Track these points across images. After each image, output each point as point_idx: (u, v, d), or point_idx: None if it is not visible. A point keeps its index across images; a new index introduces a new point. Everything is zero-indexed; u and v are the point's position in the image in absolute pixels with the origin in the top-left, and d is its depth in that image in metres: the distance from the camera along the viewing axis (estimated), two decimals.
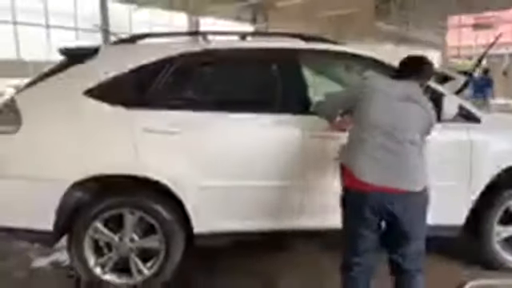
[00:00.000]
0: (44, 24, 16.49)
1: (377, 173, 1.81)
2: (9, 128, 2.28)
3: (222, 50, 2.50)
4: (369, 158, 1.83)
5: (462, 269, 2.75)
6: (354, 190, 1.86)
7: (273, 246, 3.06)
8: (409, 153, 1.82)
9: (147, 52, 2.43)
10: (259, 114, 2.43)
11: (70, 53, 2.46)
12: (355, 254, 1.89)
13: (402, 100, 1.87)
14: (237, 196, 2.41)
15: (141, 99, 2.33)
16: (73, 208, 2.36)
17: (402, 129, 1.83)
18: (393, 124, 1.84)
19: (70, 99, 2.32)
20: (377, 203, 1.80)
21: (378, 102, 1.88)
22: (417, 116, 1.87)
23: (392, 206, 1.79)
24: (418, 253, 1.87)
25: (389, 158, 1.81)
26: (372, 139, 1.85)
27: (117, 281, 2.41)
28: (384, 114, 1.85)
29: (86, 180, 2.28)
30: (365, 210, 1.82)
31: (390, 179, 1.79)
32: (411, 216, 1.82)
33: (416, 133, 1.85)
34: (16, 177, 2.30)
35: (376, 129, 1.85)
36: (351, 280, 1.90)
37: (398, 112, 1.85)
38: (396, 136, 1.82)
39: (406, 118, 1.85)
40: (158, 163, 2.29)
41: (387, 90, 1.91)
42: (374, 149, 1.83)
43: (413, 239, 1.84)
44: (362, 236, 1.86)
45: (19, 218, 2.35)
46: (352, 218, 1.91)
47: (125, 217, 2.35)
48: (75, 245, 2.34)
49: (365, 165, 1.83)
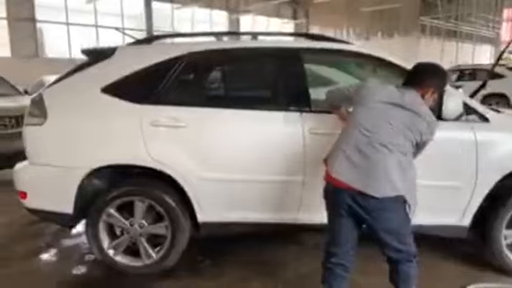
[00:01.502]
0: (93, 24, 17.52)
1: (349, 172, 1.86)
2: (37, 120, 2.55)
3: (226, 49, 2.63)
4: (345, 157, 1.89)
5: (464, 271, 2.70)
6: (331, 184, 1.94)
7: (280, 238, 3.15)
8: (383, 158, 1.83)
9: (158, 52, 2.61)
10: (262, 111, 2.53)
11: (91, 53, 2.70)
12: (333, 244, 1.97)
13: (393, 106, 1.90)
14: (238, 188, 2.52)
15: (150, 95, 2.51)
16: (89, 194, 2.60)
17: (383, 134, 1.86)
18: (373, 128, 1.88)
19: (89, 95, 2.55)
20: (347, 201, 1.86)
21: (368, 107, 1.94)
22: (406, 123, 1.87)
23: (358, 207, 1.84)
24: (401, 248, 1.89)
25: (361, 160, 1.85)
26: (352, 139, 1.91)
27: (127, 262, 2.62)
28: (368, 118, 1.91)
29: (101, 169, 2.51)
30: (338, 205, 1.90)
31: (358, 180, 1.83)
32: (379, 220, 1.85)
33: (401, 140, 1.86)
34: (43, 164, 2.58)
35: (357, 130, 1.91)
36: (328, 271, 1.98)
37: (384, 117, 1.89)
38: (374, 140, 1.86)
39: (390, 124, 1.87)
40: (163, 155, 2.46)
41: (381, 95, 1.94)
42: (352, 149, 1.89)
43: (389, 240, 1.87)
44: (339, 228, 1.94)
45: (45, 201, 2.62)
46: (329, 210, 2.00)
47: (135, 204, 2.55)
48: (91, 228, 2.58)
49: (340, 163, 1.90)
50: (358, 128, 1.91)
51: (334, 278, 1.96)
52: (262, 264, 2.80)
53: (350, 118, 2.04)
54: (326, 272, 1.99)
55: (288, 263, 2.80)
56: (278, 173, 2.49)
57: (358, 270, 2.52)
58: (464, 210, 2.54)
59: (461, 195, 2.51)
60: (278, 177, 2.50)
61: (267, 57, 2.64)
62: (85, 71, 2.61)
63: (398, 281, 1.95)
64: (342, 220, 1.92)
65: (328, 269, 1.98)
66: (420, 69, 2.07)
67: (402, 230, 1.90)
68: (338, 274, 1.96)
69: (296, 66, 2.53)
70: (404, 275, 1.93)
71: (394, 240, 1.88)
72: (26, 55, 15.48)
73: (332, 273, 1.96)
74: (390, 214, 1.86)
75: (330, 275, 1.97)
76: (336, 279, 1.96)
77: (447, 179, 2.48)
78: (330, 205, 1.99)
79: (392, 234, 1.87)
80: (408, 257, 1.91)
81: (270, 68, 2.61)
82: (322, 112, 2.50)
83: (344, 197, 1.87)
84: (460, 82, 11.02)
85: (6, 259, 2.91)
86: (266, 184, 2.53)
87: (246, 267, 2.76)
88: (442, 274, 2.67)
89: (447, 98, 2.29)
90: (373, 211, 1.84)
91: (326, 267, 1.98)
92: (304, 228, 2.67)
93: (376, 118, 1.90)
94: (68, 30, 16.93)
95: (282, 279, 2.61)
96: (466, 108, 2.46)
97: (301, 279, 2.61)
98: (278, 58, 2.58)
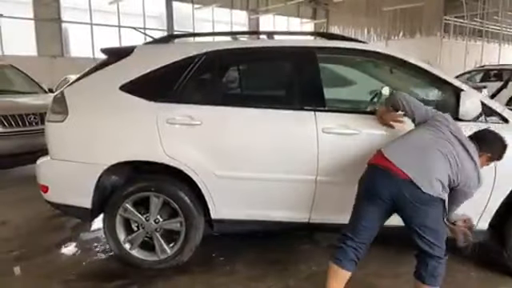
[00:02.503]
0: (116, 24, 17.90)
1: (402, 157, 1.95)
2: (58, 117, 2.64)
3: (242, 48, 2.65)
4: (403, 149, 2.00)
5: (482, 277, 2.65)
6: (378, 166, 1.98)
7: (293, 237, 3.16)
8: (437, 161, 1.94)
9: (174, 51, 2.66)
10: (276, 110, 2.55)
11: (110, 52, 2.77)
12: (352, 230, 2.01)
13: (459, 143, 2.01)
14: (251, 186, 2.54)
15: (166, 94, 2.56)
16: (107, 189, 2.68)
17: (442, 146, 1.98)
18: (436, 141, 2.00)
19: (108, 93, 2.62)
20: (391, 187, 1.91)
21: (440, 130, 2.05)
22: (460, 157, 1.98)
23: (402, 194, 1.89)
24: (436, 243, 1.93)
25: (418, 154, 1.96)
26: (413, 141, 2.04)
27: (143, 257, 2.68)
28: (436, 136, 2.03)
29: (118, 165, 2.57)
30: (378, 189, 1.94)
31: (410, 168, 1.90)
32: (420, 213, 1.90)
33: (445, 174, 1.94)
34: (63, 159, 2.67)
35: (421, 139, 2.04)
36: (340, 250, 2.02)
37: (447, 141, 2.00)
38: (433, 147, 1.98)
39: (449, 147, 1.98)
40: (178, 152, 2.50)
41: (455, 128, 2.07)
42: (411, 143, 2.03)
43: (426, 234, 1.92)
44: (364, 215, 1.99)
45: (65, 196, 2.72)
46: (363, 193, 2.03)
47: (151, 199, 2.60)
48: (108, 222, 2.65)
49: (395, 148, 2.01)
50: (425, 136, 2.03)
51: (345, 257, 2.01)
52: (275, 262, 2.82)
53: (419, 129, 2.13)
54: (337, 250, 2.04)
55: (300, 262, 2.80)
56: (291, 171, 2.50)
57: (372, 273, 2.52)
58: (481, 213, 2.48)
59: (478, 198, 2.45)
60: (291, 175, 2.50)
61: (281, 56, 2.65)
62: (104, 70, 2.69)
63: (426, 275, 1.96)
64: (371, 207, 1.96)
65: (340, 248, 2.02)
66: (488, 134, 2.16)
67: (440, 228, 1.95)
68: (349, 255, 2.00)
69: (310, 65, 2.53)
70: (433, 270, 1.95)
71: (431, 235, 1.92)
72: (51, 54, 15.98)
73: (344, 252, 2.01)
74: (432, 210, 1.91)
75: (342, 253, 2.02)
76: (346, 258, 2.01)
77: None
78: (369, 188, 2.00)
79: (430, 229, 1.92)
80: (440, 252, 1.94)
81: (284, 67, 2.63)
82: (337, 111, 2.49)
83: (391, 181, 1.91)
84: (485, 83, 10.73)
85: (28, 251, 3.02)
86: (279, 182, 2.54)
87: (259, 265, 2.78)
88: (460, 279, 2.62)
89: (464, 98, 2.25)
90: (419, 202, 1.88)
91: (339, 246, 2.03)
92: (316, 228, 2.67)
93: (443, 139, 2.01)
94: (91, 30, 17.34)
95: (294, 277, 2.62)
96: (485, 109, 2.40)
97: (313, 278, 2.60)
98: (293, 57, 2.59)
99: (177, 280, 2.59)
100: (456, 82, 2.51)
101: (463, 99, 2.25)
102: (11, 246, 3.09)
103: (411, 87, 3.06)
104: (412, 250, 2.04)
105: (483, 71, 11.98)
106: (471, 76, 12.35)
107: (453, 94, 2.45)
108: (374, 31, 23.23)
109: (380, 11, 21.58)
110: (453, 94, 2.45)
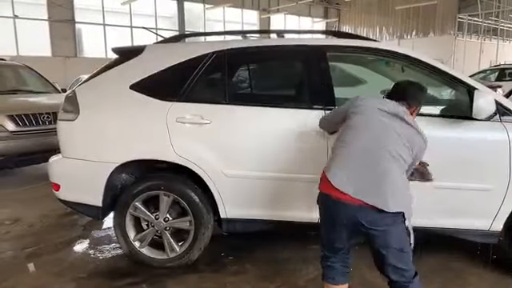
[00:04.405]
0: (128, 25, 18.08)
1: (353, 184, 1.75)
2: (70, 116, 2.67)
3: (251, 47, 2.65)
4: (348, 167, 1.80)
5: (495, 280, 2.59)
6: (330, 196, 1.80)
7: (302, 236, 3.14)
8: (390, 170, 1.76)
9: (184, 50, 2.67)
10: (285, 108, 2.53)
11: (121, 51, 2.79)
12: (329, 250, 1.94)
13: (389, 116, 1.85)
14: (260, 186, 2.53)
15: (176, 93, 2.56)
16: (118, 188, 2.70)
17: (389, 142, 1.79)
18: (379, 136, 1.81)
19: (118, 92, 2.64)
20: (349, 215, 1.76)
21: (367, 115, 1.89)
22: (408, 137, 1.83)
23: (363, 221, 1.74)
24: (402, 267, 1.78)
25: (367, 171, 1.76)
26: (355, 148, 1.82)
27: (152, 255, 2.70)
28: (372, 126, 1.85)
29: (128, 163, 2.59)
30: (338, 218, 1.80)
31: (364, 193, 1.73)
32: (384, 235, 1.74)
33: (404, 152, 1.80)
34: (75, 158, 2.70)
35: (360, 138, 1.83)
36: (328, 268, 1.96)
37: (388, 126, 1.83)
38: (381, 147, 1.79)
39: (397, 134, 1.81)
40: (187, 151, 2.51)
41: (378, 106, 1.90)
42: (356, 158, 1.80)
43: (390, 258, 1.76)
44: (335, 238, 1.88)
45: (76, 194, 2.75)
46: (326, 221, 1.90)
47: (160, 198, 2.61)
48: (118, 220, 2.67)
49: (342, 173, 1.79)
50: (361, 136, 1.83)
51: (336, 273, 1.94)
52: (284, 261, 2.81)
53: (348, 128, 1.93)
54: (326, 269, 1.97)
55: (309, 262, 2.78)
56: (300, 171, 2.48)
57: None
58: (495, 214, 2.43)
59: (492, 198, 2.41)
60: (301, 175, 2.48)
61: (292, 55, 2.63)
62: (115, 69, 2.71)
63: None
64: (338, 233, 1.85)
65: (328, 266, 1.96)
66: (408, 87, 2.04)
67: (404, 247, 1.78)
68: (339, 269, 1.94)
69: (321, 64, 2.50)
70: None
71: (395, 258, 1.76)
72: (65, 55, 16.22)
73: (333, 268, 1.94)
74: (395, 229, 1.75)
75: (331, 270, 1.95)
76: (337, 274, 1.94)
77: (477, 181, 2.39)
78: (327, 217, 1.88)
79: (395, 252, 1.76)
80: (408, 279, 1.79)
81: (294, 66, 2.61)
82: None
83: (347, 211, 1.75)
84: (500, 82, 10.54)
85: (40, 248, 3.06)
86: (288, 182, 2.52)
87: (268, 264, 2.77)
88: (472, 281, 2.57)
89: (478, 97, 2.20)
90: (379, 226, 1.73)
91: (326, 265, 1.96)
92: None
93: (380, 127, 1.83)
94: (104, 30, 17.56)
95: (303, 278, 2.60)
96: (499, 108, 2.35)
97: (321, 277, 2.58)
98: (302, 56, 2.57)
99: (186, 279, 2.60)
100: (470, 80, 2.46)
101: (477, 98, 2.20)
102: (24, 244, 3.14)
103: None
104: (421, 248, 1.97)
105: (498, 70, 11.76)
106: (486, 75, 12.14)
107: (466, 92, 2.41)
108: (387, 30, 23.01)
109: (392, 10, 21.37)
110: (466, 92, 2.41)
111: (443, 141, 2.36)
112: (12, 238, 3.29)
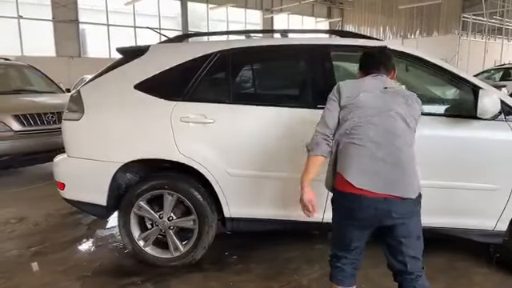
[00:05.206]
0: (132, 25, 18.13)
1: (374, 179, 1.71)
2: (75, 116, 2.68)
3: (255, 47, 2.65)
4: (366, 168, 1.73)
5: (499, 280, 2.59)
6: (352, 194, 1.73)
7: (307, 236, 3.14)
8: (404, 151, 1.73)
9: (188, 50, 2.67)
10: (289, 108, 2.53)
11: (125, 51, 2.80)
12: (343, 250, 1.89)
13: (383, 96, 1.80)
14: (264, 185, 2.54)
15: (180, 92, 2.57)
16: (122, 187, 2.72)
17: (394, 130, 1.74)
18: (384, 129, 1.75)
19: (123, 92, 2.65)
20: (373, 211, 1.71)
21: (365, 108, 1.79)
22: (401, 102, 1.78)
23: (387, 214, 1.70)
24: (417, 255, 1.79)
25: (383, 165, 1.71)
26: (366, 148, 1.74)
27: (156, 254, 2.71)
28: (374, 122, 1.76)
29: (132, 163, 2.60)
30: (360, 217, 1.75)
31: (387, 184, 1.70)
32: (407, 224, 1.74)
33: (410, 125, 1.77)
34: (79, 157, 2.72)
35: (367, 136, 1.75)
36: (338, 270, 1.90)
37: (385, 111, 1.77)
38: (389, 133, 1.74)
39: (394, 116, 1.76)
40: (191, 150, 2.51)
41: (366, 86, 1.85)
42: (370, 158, 1.74)
43: (407, 247, 1.76)
44: (352, 237, 1.83)
45: (81, 193, 2.76)
46: (344, 219, 1.84)
47: (164, 197, 2.62)
48: (122, 219, 2.68)
49: (362, 175, 1.73)
50: (369, 131, 1.75)
51: (345, 276, 1.90)
52: (288, 261, 2.81)
53: (350, 123, 1.80)
54: (335, 270, 1.92)
55: (313, 261, 2.79)
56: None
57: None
58: (500, 214, 2.43)
59: (497, 198, 2.40)
60: None
61: (295, 54, 2.63)
62: (119, 69, 2.72)
63: None
64: (362, 229, 1.81)
65: (337, 267, 1.91)
66: (382, 54, 1.97)
67: (420, 235, 1.79)
68: (348, 271, 1.90)
69: (324, 63, 2.50)
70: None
71: (413, 246, 1.76)
72: (69, 55, 16.30)
73: (342, 270, 1.90)
74: (417, 216, 1.77)
75: (341, 272, 1.90)
76: (347, 276, 1.90)
77: (482, 181, 2.38)
78: (347, 215, 1.81)
79: (413, 240, 1.75)
80: (420, 269, 1.79)
81: (297, 65, 2.61)
82: None
83: (373, 205, 1.69)
84: (504, 82, 10.49)
85: (46, 247, 3.08)
86: (291, 181, 2.51)
87: (272, 264, 2.78)
88: (478, 281, 2.57)
89: (483, 96, 2.19)
90: (406, 214, 1.71)
91: (335, 266, 1.91)
92: (330, 227, 2.64)
93: (382, 114, 1.75)
94: (108, 30, 17.62)
95: (307, 277, 2.61)
96: (504, 107, 2.34)
97: (326, 277, 2.54)
98: (306, 56, 2.57)
99: (190, 278, 2.61)
100: (474, 79, 2.45)
101: (481, 97, 2.19)
102: (29, 242, 3.16)
103: (428, 85, 3.01)
104: (428, 249, 1.96)
105: (503, 70, 11.70)
106: (490, 75, 12.08)
107: (471, 91, 2.40)
108: (390, 29, 22.95)
109: (396, 9, 21.30)
110: (471, 91, 2.40)
111: (447, 140, 2.35)
112: (17, 236, 3.32)
